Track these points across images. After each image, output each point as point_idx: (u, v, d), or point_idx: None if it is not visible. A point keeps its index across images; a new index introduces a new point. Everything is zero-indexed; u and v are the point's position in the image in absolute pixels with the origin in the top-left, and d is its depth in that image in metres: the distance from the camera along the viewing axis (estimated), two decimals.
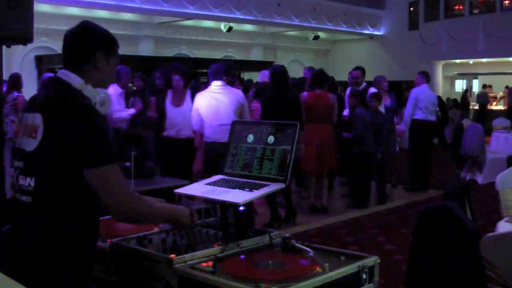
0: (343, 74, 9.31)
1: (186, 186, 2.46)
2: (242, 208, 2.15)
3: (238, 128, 2.43)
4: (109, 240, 2.14)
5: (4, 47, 3.12)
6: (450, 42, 17.12)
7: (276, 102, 6.15)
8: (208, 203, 2.35)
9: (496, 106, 18.96)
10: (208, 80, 5.91)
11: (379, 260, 1.96)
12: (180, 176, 4.95)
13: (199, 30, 17.74)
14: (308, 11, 18.42)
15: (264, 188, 2.16)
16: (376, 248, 5.54)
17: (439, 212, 2.85)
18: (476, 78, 21.49)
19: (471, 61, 19.25)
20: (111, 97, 2.06)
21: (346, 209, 7.32)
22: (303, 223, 6.53)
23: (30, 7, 2.94)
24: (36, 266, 1.84)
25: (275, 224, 6.28)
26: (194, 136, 5.69)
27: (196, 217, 2.31)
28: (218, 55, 18.07)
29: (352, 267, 1.85)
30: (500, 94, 19.49)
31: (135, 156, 3.98)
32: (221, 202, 2.20)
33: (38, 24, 3.52)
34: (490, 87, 19.13)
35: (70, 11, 13.98)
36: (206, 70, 5.97)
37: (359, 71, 8.14)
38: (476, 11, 17.53)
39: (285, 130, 2.24)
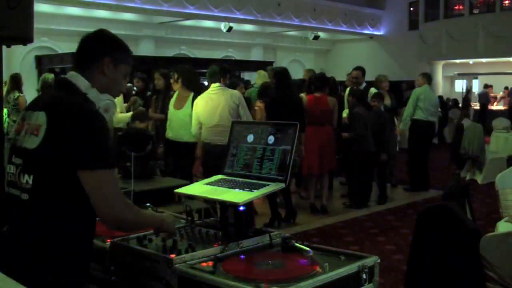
0: (343, 74, 9.30)
1: (186, 186, 2.46)
2: (242, 208, 2.15)
3: (238, 128, 2.43)
4: (109, 240, 2.14)
5: (4, 47, 3.11)
6: (450, 42, 17.11)
7: (279, 103, 6.16)
8: (208, 203, 2.35)
9: (496, 106, 18.96)
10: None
11: (379, 260, 1.96)
12: (180, 176, 4.95)
13: (199, 30, 17.73)
14: (308, 11, 18.41)
15: (264, 188, 2.16)
16: (376, 248, 5.54)
17: (439, 212, 2.85)
18: (476, 78, 21.47)
19: (471, 61, 19.24)
20: (115, 104, 2.06)
21: (346, 209, 7.32)
22: (303, 223, 6.53)
23: (30, 7, 2.94)
24: (35, 266, 1.84)
25: (275, 223, 6.29)
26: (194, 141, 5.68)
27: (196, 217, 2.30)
28: (218, 55, 18.06)
29: (352, 267, 1.85)
30: (500, 94, 19.49)
31: (142, 155, 3.99)
32: (221, 202, 2.21)
33: (38, 24, 3.52)
34: (491, 87, 19.13)
35: (70, 11, 13.98)
36: (206, 70, 5.95)
37: (359, 71, 8.13)
38: (476, 11, 17.51)
39: (285, 130, 2.24)
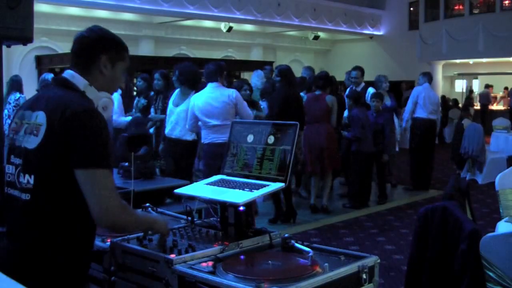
0: (343, 74, 9.31)
1: (186, 186, 2.46)
2: (242, 208, 2.15)
3: (238, 128, 2.43)
4: (109, 240, 2.14)
5: (4, 47, 3.11)
6: (450, 42, 17.09)
7: (284, 102, 6.17)
8: (208, 203, 2.35)
9: (496, 106, 18.95)
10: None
11: (379, 260, 1.96)
12: (180, 176, 4.95)
13: (199, 30, 17.72)
14: (308, 11, 18.39)
15: (264, 188, 2.16)
16: (376, 248, 5.54)
17: (439, 212, 2.84)
18: (476, 78, 21.46)
19: (471, 61, 19.21)
20: (113, 101, 2.06)
21: (346, 209, 7.32)
22: (303, 223, 6.54)
23: (30, 7, 2.94)
24: (35, 266, 1.84)
25: (279, 220, 6.43)
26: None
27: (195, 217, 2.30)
28: (218, 55, 18.04)
29: (352, 267, 1.85)
30: (500, 94, 19.48)
31: (141, 155, 3.99)
32: (221, 202, 2.21)
33: (38, 24, 3.52)
34: (491, 87, 19.12)
35: (70, 11, 13.96)
36: None
37: (358, 71, 8.15)
38: (476, 11, 17.48)
39: (285, 130, 2.24)
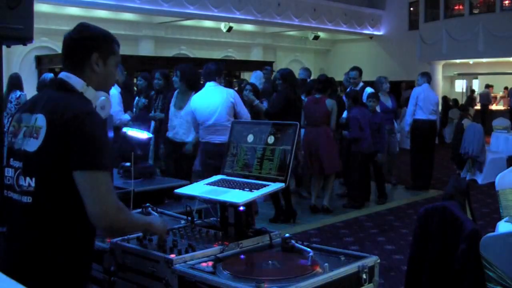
0: (343, 74, 9.31)
1: (186, 186, 2.46)
2: (242, 208, 2.15)
3: (238, 128, 2.43)
4: (109, 240, 2.14)
5: (4, 47, 3.11)
6: (450, 42, 17.08)
7: (287, 104, 6.23)
8: (208, 203, 2.35)
9: (496, 106, 18.95)
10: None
11: (379, 260, 1.96)
12: (180, 176, 4.95)
13: (199, 30, 17.71)
14: (308, 11, 18.39)
15: (264, 188, 2.16)
16: (376, 248, 5.54)
17: (439, 212, 2.84)
18: (476, 78, 21.45)
19: (471, 61, 19.20)
20: (110, 100, 2.05)
21: (346, 209, 7.32)
22: (303, 223, 6.54)
23: (30, 7, 2.93)
24: (36, 266, 1.84)
25: (280, 220, 6.44)
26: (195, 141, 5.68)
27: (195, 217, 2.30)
28: (218, 55, 18.04)
29: (352, 267, 1.85)
30: (500, 94, 19.47)
31: (142, 155, 3.99)
32: (221, 202, 2.21)
33: (38, 24, 3.52)
34: (491, 87, 19.12)
35: (70, 11, 13.95)
36: None
37: (356, 71, 8.17)
38: (476, 11, 17.47)
39: (285, 130, 2.24)
